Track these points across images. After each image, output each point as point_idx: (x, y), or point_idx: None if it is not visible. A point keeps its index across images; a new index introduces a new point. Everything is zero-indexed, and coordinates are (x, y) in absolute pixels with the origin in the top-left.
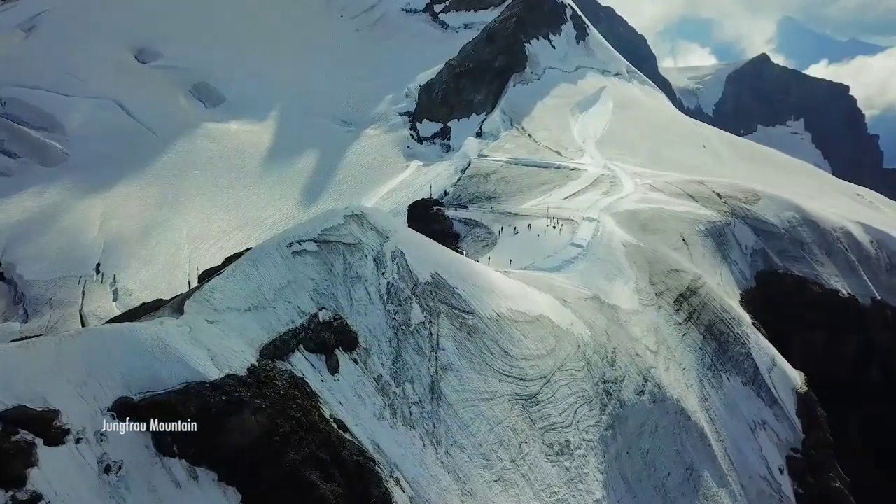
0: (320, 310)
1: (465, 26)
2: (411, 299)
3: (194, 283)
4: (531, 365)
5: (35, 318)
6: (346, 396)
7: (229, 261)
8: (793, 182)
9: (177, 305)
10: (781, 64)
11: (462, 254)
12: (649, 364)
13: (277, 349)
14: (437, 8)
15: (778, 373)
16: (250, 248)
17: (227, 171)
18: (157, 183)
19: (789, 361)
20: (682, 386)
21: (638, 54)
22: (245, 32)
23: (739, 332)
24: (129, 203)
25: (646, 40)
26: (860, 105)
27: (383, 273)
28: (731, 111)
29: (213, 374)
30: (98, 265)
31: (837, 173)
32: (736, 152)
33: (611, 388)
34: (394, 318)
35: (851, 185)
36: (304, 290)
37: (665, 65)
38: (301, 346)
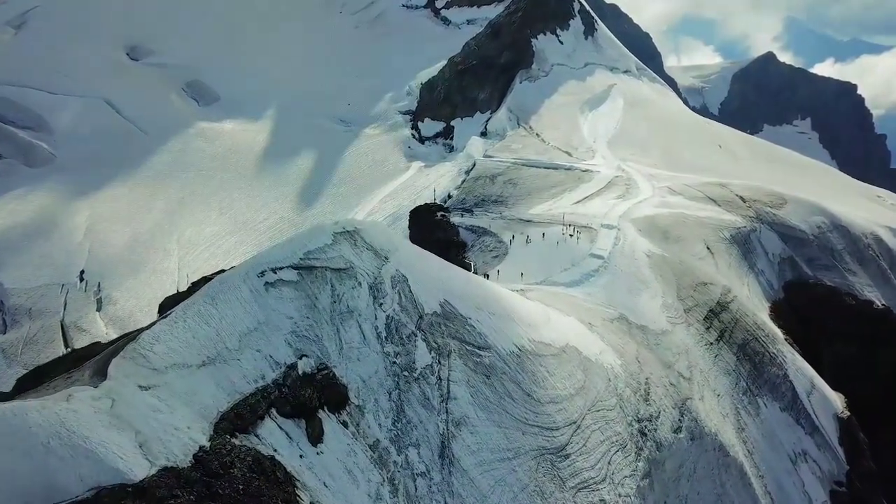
0: (300, 358)
1: (468, 22)
2: (416, 336)
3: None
4: (559, 409)
5: (14, 329)
6: (332, 474)
7: (195, 287)
8: (811, 183)
9: (100, 366)
10: (787, 62)
11: (469, 266)
12: (685, 394)
13: (240, 418)
14: (439, 4)
15: (817, 396)
16: (218, 273)
17: (220, 173)
18: (147, 185)
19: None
20: (719, 416)
21: (643, 52)
22: (241, 29)
23: (775, 352)
24: (117, 206)
25: (650, 38)
26: (866, 104)
27: (381, 304)
28: (737, 110)
29: (141, 471)
30: (82, 272)
31: (846, 174)
32: (751, 152)
33: (646, 427)
34: (394, 363)
35: (869, 186)
36: (278, 333)
37: (669, 63)
38: (273, 411)
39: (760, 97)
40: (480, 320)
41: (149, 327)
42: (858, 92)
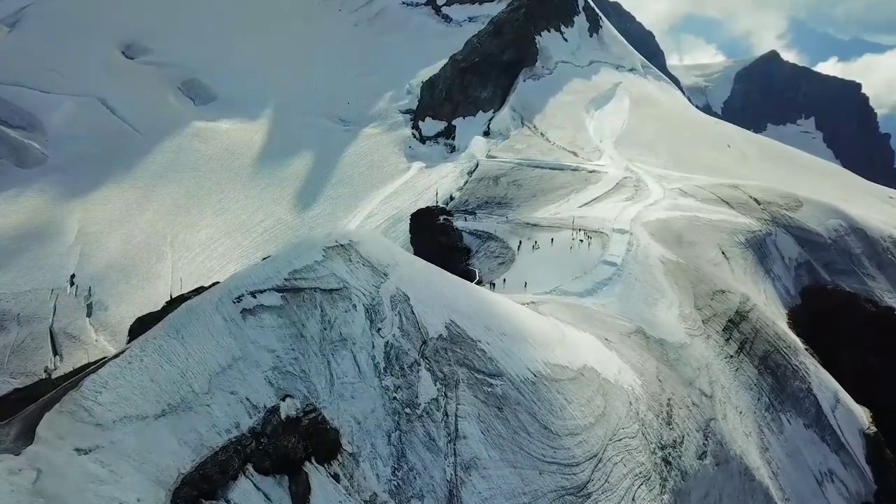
0: (283, 400)
1: (470, 20)
2: (419, 365)
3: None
4: (579, 442)
5: (1, 335)
6: None
7: (171, 307)
8: (823, 184)
9: (29, 423)
10: (790, 61)
11: (474, 273)
12: (708, 415)
13: (207, 481)
14: (440, 1)
15: (842, 411)
16: (196, 293)
17: (216, 174)
18: (140, 186)
19: None
20: (742, 436)
21: (645, 51)
22: (238, 26)
23: (797, 364)
24: (109, 208)
25: (653, 36)
26: (870, 104)
27: (379, 329)
28: (741, 109)
29: None
30: (73, 276)
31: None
32: (760, 152)
33: (669, 454)
34: (394, 398)
35: (882, 187)
36: (257, 370)
37: (671, 62)
38: (249, 468)
39: (764, 96)
40: (491, 343)
41: (95, 369)
42: (862, 91)
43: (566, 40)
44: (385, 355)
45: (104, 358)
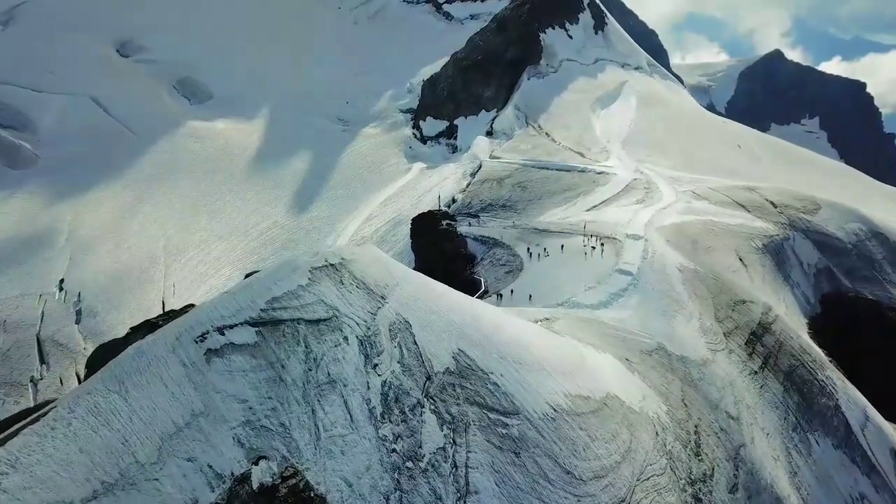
0: (255, 463)
1: (472, 17)
2: (422, 407)
3: (169, 302)
4: (604, 486)
5: None
6: None
7: (134, 333)
8: (835, 185)
9: None
10: (793, 60)
11: (480, 283)
12: (737, 441)
13: None
14: None
15: (872, 430)
16: (161, 322)
17: (211, 174)
18: (133, 187)
19: None
20: (771, 461)
21: (649, 49)
22: (235, 24)
23: (824, 379)
24: (101, 210)
25: (657, 35)
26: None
27: (376, 366)
28: (744, 109)
29: None
30: (62, 281)
31: None
32: (770, 152)
33: (700, 490)
34: (393, 450)
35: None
36: (223, 428)
37: (674, 61)
38: None
39: (768, 96)
40: (505, 374)
41: (8, 437)
42: (867, 90)
43: (571, 37)
44: (383, 398)
45: (42, 405)
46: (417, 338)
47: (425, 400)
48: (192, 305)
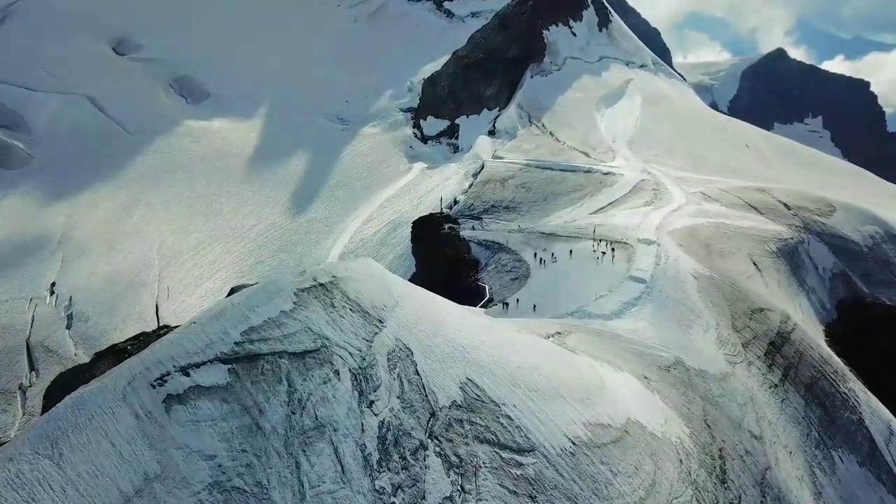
0: None
1: (473, 15)
2: (426, 449)
3: (163, 306)
4: None
5: None
6: None
7: (99, 360)
8: (847, 186)
9: None
10: (796, 59)
11: (484, 290)
12: (762, 463)
13: None
14: None
15: None
16: (128, 347)
17: (207, 175)
18: (128, 188)
19: None
20: (796, 482)
21: (652, 48)
22: (233, 22)
23: (846, 392)
24: (95, 212)
25: (659, 33)
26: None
27: (372, 404)
28: (747, 108)
29: None
30: (53, 284)
31: None
32: (779, 152)
33: None
34: None
35: None
36: (184, 492)
37: (676, 60)
38: None
39: (771, 95)
40: (519, 405)
41: None
42: (870, 90)
43: (575, 35)
44: (380, 441)
45: None
46: (420, 367)
47: (429, 441)
48: (167, 328)
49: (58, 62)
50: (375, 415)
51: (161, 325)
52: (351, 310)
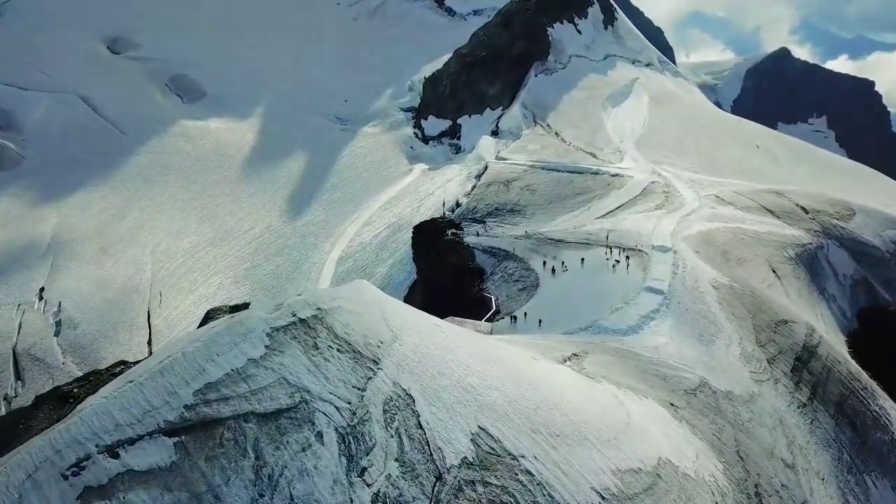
0: None
1: (474, 13)
2: None
3: (154, 312)
4: None
5: None
6: None
7: (41, 403)
8: (860, 188)
9: None
10: (801, 58)
11: (490, 301)
12: (798, 497)
13: None
14: None
15: None
16: (72, 389)
17: (202, 176)
18: (122, 189)
19: None
20: None
21: (655, 47)
22: (230, 20)
23: (877, 410)
24: (87, 214)
25: (663, 32)
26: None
27: (364, 472)
28: (751, 108)
29: None
30: (42, 289)
31: None
32: (790, 153)
33: None
34: None
35: None
36: None
37: (679, 59)
38: None
39: (775, 94)
40: (540, 456)
41: None
42: (875, 89)
43: (580, 32)
44: None
45: None
46: (423, 417)
47: None
48: (125, 365)
49: (51, 61)
50: (368, 485)
51: (118, 361)
52: (339, 350)
